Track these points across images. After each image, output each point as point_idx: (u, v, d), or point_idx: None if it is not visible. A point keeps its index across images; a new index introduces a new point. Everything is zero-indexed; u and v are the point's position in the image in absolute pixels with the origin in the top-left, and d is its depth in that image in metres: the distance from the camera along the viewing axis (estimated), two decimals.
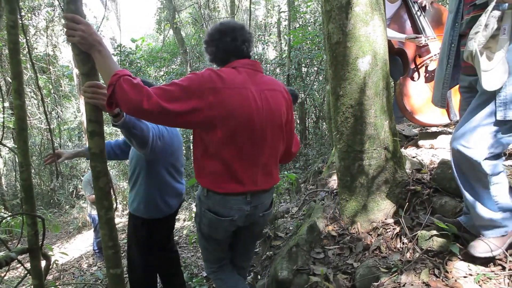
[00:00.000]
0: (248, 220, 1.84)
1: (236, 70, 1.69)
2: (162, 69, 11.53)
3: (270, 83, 1.79)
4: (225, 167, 1.69)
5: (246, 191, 1.74)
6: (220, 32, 1.76)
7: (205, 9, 11.96)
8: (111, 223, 1.82)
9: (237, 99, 1.61)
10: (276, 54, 10.77)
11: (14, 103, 2.14)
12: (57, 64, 15.47)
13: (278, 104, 1.75)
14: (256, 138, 1.69)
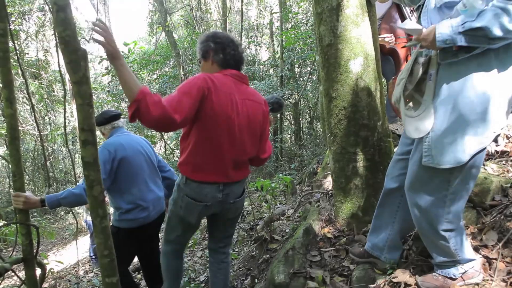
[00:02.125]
0: (221, 206, 2.09)
1: (226, 78, 1.94)
2: (155, 72, 11.49)
3: (252, 95, 2.04)
4: (203, 159, 1.93)
5: (219, 181, 1.99)
6: (229, 42, 2.00)
7: (197, 11, 11.93)
8: (106, 231, 1.81)
9: (224, 101, 1.85)
10: (269, 55, 10.78)
11: (5, 111, 2.13)
12: (49, 69, 15.37)
13: (256, 114, 2.01)
14: (233, 139, 1.93)
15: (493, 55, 1.48)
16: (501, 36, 1.35)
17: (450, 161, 1.56)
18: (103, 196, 1.79)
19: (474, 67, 1.50)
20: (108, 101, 10.32)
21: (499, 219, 2.04)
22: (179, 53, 9.80)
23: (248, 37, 12.41)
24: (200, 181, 1.96)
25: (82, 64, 1.66)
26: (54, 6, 1.58)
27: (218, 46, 1.98)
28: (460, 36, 1.42)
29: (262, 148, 2.17)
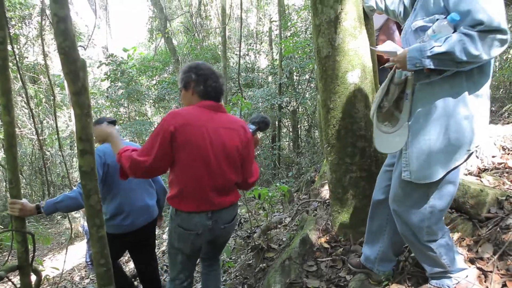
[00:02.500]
0: (212, 233, 2.12)
1: (199, 109, 2.03)
2: (154, 78, 11.52)
3: (227, 122, 2.09)
4: (186, 190, 2.00)
5: (206, 210, 2.04)
6: (211, 74, 2.09)
7: (197, 17, 12.00)
8: (103, 240, 1.81)
9: (194, 134, 1.93)
10: (268, 62, 10.83)
11: (3, 119, 2.13)
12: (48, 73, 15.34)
13: (231, 141, 2.05)
14: (211, 168, 1.99)
15: (464, 77, 1.54)
16: (465, 60, 1.42)
17: (426, 177, 1.64)
18: (100, 206, 1.80)
19: (447, 88, 1.56)
20: (107, 106, 10.33)
21: (494, 232, 2.05)
22: (178, 60, 9.83)
23: (248, 44, 12.46)
24: (188, 211, 2.03)
25: (81, 75, 1.67)
26: (55, 18, 1.60)
27: (200, 78, 2.07)
28: (428, 59, 1.49)
29: (247, 173, 2.21)
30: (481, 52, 1.39)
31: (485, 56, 1.40)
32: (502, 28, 1.36)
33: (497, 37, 1.37)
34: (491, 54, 1.40)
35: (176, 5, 15.78)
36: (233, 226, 2.26)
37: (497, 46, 1.39)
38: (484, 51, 1.39)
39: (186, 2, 14.30)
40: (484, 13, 1.37)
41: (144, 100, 10.52)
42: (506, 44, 1.39)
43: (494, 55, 1.41)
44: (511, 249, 1.93)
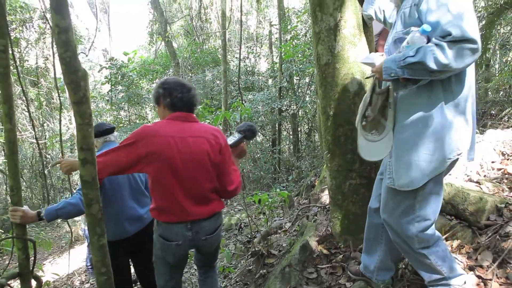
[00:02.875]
0: (193, 244, 2.18)
1: (168, 121, 2.12)
2: (155, 81, 11.53)
3: (196, 131, 2.13)
4: (162, 201, 2.08)
5: (185, 220, 2.09)
6: (176, 86, 2.17)
7: (197, 21, 12.02)
8: (104, 249, 1.82)
9: (161, 145, 2.00)
10: (268, 66, 10.86)
11: (4, 126, 2.14)
12: (48, 76, 15.40)
13: (200, 149, 2.08)
14: (181, 177, 2.04)
15: (441, 87, 1.57)
16: (437, 69, 1.45)
17: (408, 184, 1.67)
18: (101, 214, 1.81)
19: (425, 98, 1.60)
20: (107, 110, 10.34)
21: (494, 239, 2.06)
22: (179, 63, 9.85)
23: (248, 47, 12.48)
24: (167, 222, 2.10)
25: (82, 85, 1.68)
26: (56, 28, 1.61)
27: (166, 92, 2.15)
28: (402, 69, 1.54)
29: (225, 180, 2.21)
30: (450, 61, 1.41)
31: (455, 65, 1.42)
32: (471, 37, 1.38)
33: (466, 46, 1.39)
34: (462, 63, 1.42)
35: (176, 8, 15.83)
36: (217, 237, 2.27)
37: (468, 56, 1.41)
38: (454, 60, 1.41)
39: (186, 5, 14.33)
40: (452, 24, 1.41)
41: (145, 103, 10.55)
42: (477, 53, 1.41)
43: (465, 64, 1.43)
44: (510, 257, 1.94)
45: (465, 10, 1.41)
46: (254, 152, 8.47)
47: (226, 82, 7.22)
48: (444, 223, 2.34)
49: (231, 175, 2.25)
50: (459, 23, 1.39)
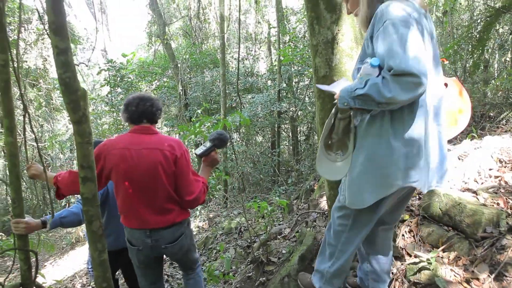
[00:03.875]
0: (154, 251, 2.30)
1: (126, 135, 2.27)
2: (154, 83, 11.53)
3: (152, 143, 2.23)
4: (122, 208, 2.25)
5: (144, 228, 2.23)
6: (132, 101, 2.29)
7: (196, 21, 12.00)
8: (105, 264, 1.85)
9: (118, 157, 2.16)
10: (266, 67, 10.86)
11: (5, 140, 2.16)
12: (47, 77, 15.38)
13: (154, 160, 2.18)
14: (138, 188, 2.17)
15: (390, 116, 1.62)
16: (383, 101, 1.49)
17: (356, 203, 1.77)
18: (102, 231, 1.83)
19: (377, 126, 1.66)
20: (107, 112, 10.35)
21: (490, 252, 2.08)
22: (177, 65, 9.85)
23: (247, 47, 12.47)
24: (129, 227, 2.27)
25: (81, 104, 1.70)
26: (55, 49, 1.62)
27: (124, 107, 2.31)
28: (354, 100, 1.60)
29: (183, 191, 2.26)
30: (394, 94, 1.44)
31: (399, 98, 1.44)
32: (413, 72, 1.39)
33: (408, 80, 1.41)
34: (405, 96, 1.44)
35: (174, 8, 15.80)
36: (179, 246, 2.33)
37: (411, 89, 1.42)
38: (397, 93, 1.43)
39: (184, 6, 14.31)
40: (395, 58, 1.42)
41: None
42: (421, 86, 1.41)
43: (409, 97, 1.44)
44: (506, 269, 1.96)
45: (409, 44, 1.43)
46: (253, 155, 8.49)
47: (225, 85, 7.22)
48: (441, 234, 2.36)
49: (190, 186, 2.28)
50: (400, 57, 1.42)
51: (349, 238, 1.90)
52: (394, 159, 1.62)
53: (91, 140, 1.74)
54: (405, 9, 1.52)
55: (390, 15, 1.50)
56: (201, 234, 6.59)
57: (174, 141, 2.30)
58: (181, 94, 9.55)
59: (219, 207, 7.22)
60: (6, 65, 2.05)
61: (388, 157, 1.63)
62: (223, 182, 7.03)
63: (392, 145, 1.61)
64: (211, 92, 9.82)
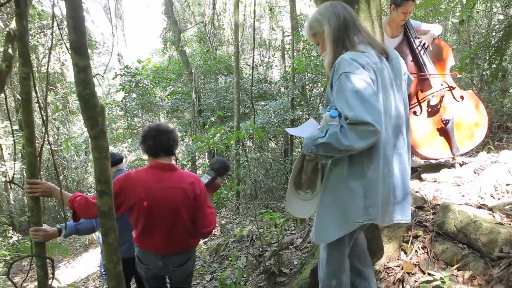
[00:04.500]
0: (163, 272, 2.44)
1: (147, 171, 2.35)
2: (168, 89, 11.65)
3: (174, 182, 2.33)
4: (140, 235, 2.36)
5: (157, 253, 2.37)
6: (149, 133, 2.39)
7: (211, 28, 12.10)
8: (120, 276, 1.88)
9: (139, 193, 2.25)
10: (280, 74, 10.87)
11: (25, 150, 2.22)
12: (64, 81, 15.68)
13: (175, 200, 2.29)
14: (157, 222, 2.30)
15: (350, 161, 1.73)
16: (342, 149, 1.59)
17: (321, 238, 1.91)
18: (118, 243, 1.86)
19: (339, 167, 1.78)
20: (121, 116, 10.49)
21: (507, 272, 2.05)
22: (192, 72, 9.94)
23: (260, 54, 12.52)
24: (141, 248, 2.41)
25: (99, 120, 1.74)
26: (75, 67, 1.66)
27: (141, 140, 2.42)
28: (316, 147, 1.70)
29: (200, 224, 2.39)
30: (351, 142, 1.53)
31: (357, 145, 1.54)
32: (367, 121, 1.48)
33: (363, 128, 1.50)
34: (362, 143, 1.53)
35: (189, 13, 15.96)
36: (186, 268, 2.48)
37: (367, 136, 1.52)
38: (354, 141, 1.53)
39: (199, 12, 14.45)
40: (350, 109, 1.52)
41: (158, 110, 10.68)
42: (376, 134, 1.51)
43: (365, 144, 1.54)
44: None
45: (362, 94, 1.52)
46: (266, 162, 8.49)
47: (238, 93, 7.26)
48: (456, 252, 2.33)
49: (207, 219, 2.41)
50: (354, 107, 1.51)
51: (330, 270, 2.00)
52: (354, 199, 1.73)
53: (108, 155, 1.78)
54: (361, 60, 1.62)
55: (345, 67, 1.60)
56: (213, 240, 6.61)
57: (193, 178, 2.41)
58: (194, 101, 9.63)
59: (231, 213, 7.24)
60: (27, 78, 2.11)
61: (348, 197, 1.75)
62: (236, 192, 7.07)
63: (351, 187, 1.73)
64: (225, 98, 9.88)
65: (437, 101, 3.55)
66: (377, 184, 1.71)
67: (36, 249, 2.23)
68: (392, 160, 1.76)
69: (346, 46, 1.72)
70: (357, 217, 1.74)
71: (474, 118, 3.57)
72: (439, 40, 3.74)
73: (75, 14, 1.57)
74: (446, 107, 3.56)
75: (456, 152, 3.52)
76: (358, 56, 1.64)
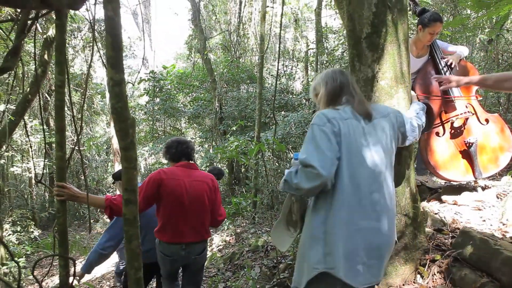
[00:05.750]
0: (185, 260, 2.91)
1: (177, 168, 2.93)
2: (190, 95, 11.83)
3: (199, 177, 2.97)
4: (167, 226, 2.81)
5: (181, 242, 2.81)
6: (173, 143, 3.04)
7: (236, 36, 12.26)
8: (140, 282, 1.94)
9: (174, 185, 2.79)
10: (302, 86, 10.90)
11: (56, 154, 2.32)
12: (91, 83, 16.12)
13: (202, 190, 2.92)
14: (185, 210, 2.80)
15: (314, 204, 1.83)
16: (294, 187, 1.77)
17: (295, 283, 1.90)
18: (140, 250, 1.93)
19: (309, 212, 1.90)
20: (144, 120, 10.71)
21: None
22: (215, 79, 10.08)
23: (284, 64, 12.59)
24: (167, 242, 2.82)
25: (130, 132, 1.81)
26: (110, 81, 1.74)
27: (165, 150, 3.05)
28: (283, 185, 1.88)
29: (217, 212, 3.05)
30: (299, 181, 1.72)
31: (304, 186, 1.70)
32: (313, 164, 1.64)
33: (309, 170, 1.67)
34: (308, 184, 1.69)
35: (214, 21, 16.22)
36: (203, 257, 3.02)
37: (312, 178, 1.67)
38: (301, 181, 1.71)
39: (225, 20, 14.68)
40: (304, 153, 1.73)
41: (180, 116, 10.86)
42: (319, 177, 1.64)
43: (311, 185, 1.68)
44: None
45: (317, 142, 1.71)
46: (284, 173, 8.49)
47: (260, 104, 7.34)
48: (474, 279, 2.30)
49: (221, 209, 3.13)
50: (307, 152, 1.71)
51: None
52: (314, 244, 1.77)
53: (136, 165, 1.85)
54: (330, 114, 1.80)
55: (315, 120, 1.82)
56: (228, 249, 6.66)
57: (211, 176, 3.11)
58: (217, 109, 9.76)
59: (247, 222, 7.28)
60: (62, 85, 2.22)
61: (310, 240, 1.80)
62: (252, 202, 7.11)
63: (313, 233, 1.80)
64: (246, 107, 9.98)
65: (461, 123, 3.51)
66: (338, 233, 1.72)
67: (59, 249, 2.32)
68: (365, 214, 1.75)
69: (333, 105, 1.93)
70: (316, 263, 1.74)
71: (498, 142, 3.51)
72: (465, 62, 3.72)
73: (114, 32, 1.65)
74: (470, 130, 3.52)
75: (479, 176, 3.47)
76: (330, 112, 1.83)
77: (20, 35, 2.31)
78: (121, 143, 1.85)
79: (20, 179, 15.53)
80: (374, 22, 2.36)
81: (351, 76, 2.04)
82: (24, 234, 8.03)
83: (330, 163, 1.68)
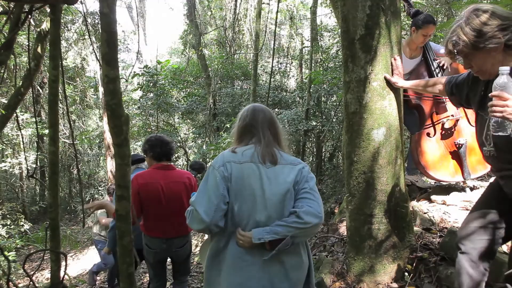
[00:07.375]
0: (167, 253, 3.16)
1: (154, 170, 3.12)
2: (184, 90, 11.79)
3: (175, 177, 3.15)
4: (149, 223, 3.07)
5: (162, 237, 3.05)
6: (157, 142, 3.15)
7: (231, 32, 12.23)
8: (132, 277, 1.95)
9: (151, 188, 3.00)
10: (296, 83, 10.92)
11: (49, 149, 2.32)
12: (84, 76, 15.98)
13: (179, 191, 3.10)
14: (163, 209, 3.01)
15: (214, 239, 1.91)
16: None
17: None
18: (132, 246, 1.95)
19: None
20: (137, 114, 10.67)
21: None
22: (210, 76, 10.06)
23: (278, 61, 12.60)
24: (150, 235, 3.08)
25: (124, 129, 1.82)
26: (105, 78, 1.75)
27: (149, 147, 3.15)
28: None
29: None
30: (189, 221, 1.84)
31: (191, 225, 1.84)
32: (197, 209, 1.75)
33: (195, 214, 1.77)
34: (194, 226, 1.82)
35: (210, 16, 16.15)
36: (184, 250, 3.23)
37: (196, 221, 1.78)
38: (190, 222, 1.83)
39: (220, 16, 14.63)
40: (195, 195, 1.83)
41: (173, 111, 10.83)
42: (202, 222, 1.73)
43: (196, 228, 1.82)
44: None
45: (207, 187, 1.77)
46: None
47: (254, 101, 7.36)
48: None
49: None
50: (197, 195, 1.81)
51: None
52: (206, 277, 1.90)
53: (129, 162, 1.87)
54: (227, 157, 1.83)
55: (214, 160, 1.89)
56: None
57: (188, 174, 3.31)
58: (211, 106, 9.75)
59: None
60: (56, 80, 2.21)
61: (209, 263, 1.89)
62: None
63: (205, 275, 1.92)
64: (240, 104, 9.99)
65: (452, 125, 3.57)
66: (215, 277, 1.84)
67: (51, 243, 2.33)
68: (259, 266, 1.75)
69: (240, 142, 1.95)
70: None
71: None
72: (457, 64, 3.76)
73: (109, 29, 1.65)
74: (460, 131, 3.58)
75: (467, 177, 3.53)
76: (228, 154, 1.85)
77: (13, 29, 2.31)
78: (115, 140, 1.86)
79: (11, 172, 15.39)
80: (368, 24, 2.39)
81: (272, 115, 2.00)
82: (14, 228, 7.99)
83: (213, 210, 1.73)
